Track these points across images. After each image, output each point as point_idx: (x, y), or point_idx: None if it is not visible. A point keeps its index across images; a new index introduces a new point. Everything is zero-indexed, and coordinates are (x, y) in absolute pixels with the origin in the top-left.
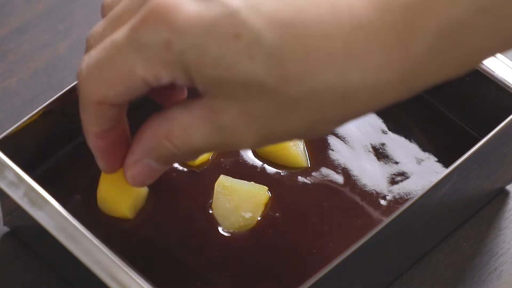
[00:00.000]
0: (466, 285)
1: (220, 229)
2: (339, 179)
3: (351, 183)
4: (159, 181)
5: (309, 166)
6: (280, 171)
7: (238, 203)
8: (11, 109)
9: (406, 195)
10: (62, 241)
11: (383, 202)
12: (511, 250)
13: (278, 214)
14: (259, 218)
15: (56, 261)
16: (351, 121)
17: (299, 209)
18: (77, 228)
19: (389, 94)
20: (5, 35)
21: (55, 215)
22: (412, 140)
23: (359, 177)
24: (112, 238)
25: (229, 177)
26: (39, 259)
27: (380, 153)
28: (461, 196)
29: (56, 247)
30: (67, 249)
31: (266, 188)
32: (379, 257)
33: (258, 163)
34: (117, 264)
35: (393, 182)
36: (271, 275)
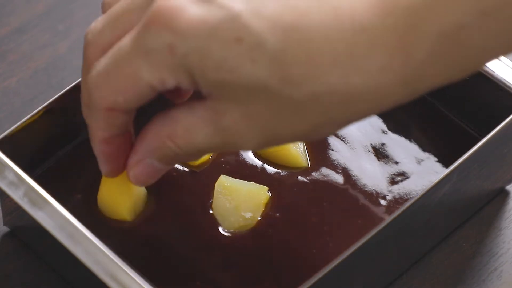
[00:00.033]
0: (466, 285)
1: (220, 229)
2: (339, 179)
3: (351, 183)
4: (159, 180)
5: (309, 166)
6: (280, 171)
7: (238, 203)
8: (11, 109)
9: (406, 195)
10: (62, 241)
11: (383, 202)
12: (511, 250)
13: (278, 214)
14: (259, 218)
15: (56, 261)
16: (354, 123)
17: (299, 209)
18: (77, 228)
19: (391, 96)
20: (5, 35)
21: (55, 215)
22: (412, 140)
23: (359, 177)
24: (112, 238)
25: (230, 177)
26: (39, 259)
27: (380, 153)
28: (461, 196)
29: (56, 247)
30: (67, 249)
31: (266, 188)
32: (379, 257)
33: (258, 163)
34: (117, 264)
35: (393, 182)
36: (271, 275)
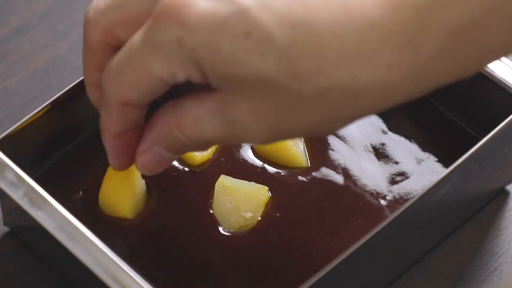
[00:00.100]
0: (466, 285)
1: (220, 229)
2: (339, 179)
3: (351, 183)
4: (159, 180)
5: (309, 166)
6: (281, 171)
7: (238, 203)
8: (11, 109)
9: (406, 195)
10: (62, 241)
11: (383, 202)
12: (511, 250)
13: (279, 214)
14: (259, 218)
15: (56, 261)
16: (361, 118)
17: (299, 209)
18: (77, 228)
19: (400, 92)
20: (5, 35)
21: (55, 215)
22: (412, 140)
23: (359, 177)
24: (112, 238)
25: (230, 177)
26: (39, 259)
27: (380, 153)
28: (461, 196)
29: (56, 247)
30: (67, 249)
31: (267, 188)
32: (379, 257)
33: (259, 163)
34: (117, 264)
35: (393, 182)
36: (271, 275)
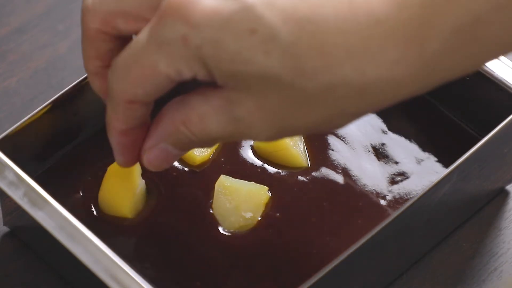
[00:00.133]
0: (466, 285)
1: (220, 229)
2: (339, 179)
3: (351, 183)
4: (159, 180)
5: (309, 166)
6: (280, 171)
7: (238, 203)
8: (11, 109)
9: (406, 195)
10: (62, 241)
11: (383, 202)
12: (511, 250)
13: (278, 214)
14: (259, 218)
15: (56, 261)
16: (366, 114)
17: (299, 209)
18: (77, 228)
19: (405, 88)
20: (5, 35)
21: (55, 215)
22: (412, 140)
23: (359, 177)
24: (112, 238)
25: (230, 177)
26: (39, 259)
27: (380, 153)
28: (461, 196)
29: (56, 247)
30: (67, 249)
31: (267, 188)
32: (379, 257)
33: (258, 163)
34: (117, 264)
35: (393, 182)
36: (271, 275)
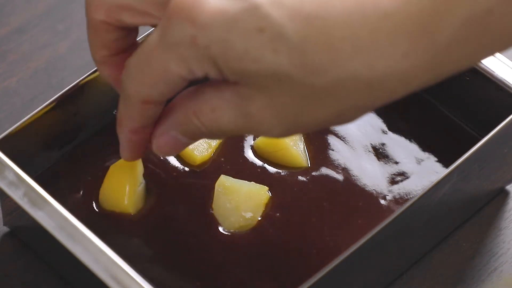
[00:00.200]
0: (466, 285)
1: (220, 229)
2: (339, 179)
3: (351, 183)
4: (159, 180)
5: (309, 166)
6: (281, 171)
7: (238, 203)
8: (11, 109)
9: (406, 195)
10: (62, 241)
11: (383, 202)
12: (511, 250)
13: (279, 214)
14: (259, 218)
15: (56, 261)
16: (376, 107)
17: (299, 209)
18: (77, 228)
19: (415, 80)
20: (5, 35)
21: (55, 215)
22: (412, 140)
23: (359, 177)
24: (112, 238)
25: (230, 177)
26: (39, 259)
27: (380, 153)
28: (461, 196)
29: (56, 247)
30: (67, 249)
31: (267, 188)
32: (379, 257)
33: (259, 163)
34: (117, 264)
35: (393, 182)
36: (271, 275)
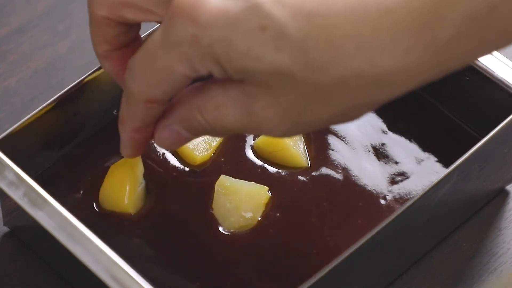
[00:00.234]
0: (466, 285)
1: (220, 229)
2: (339, 179)
3: (351, 183)
4: (159, 180)
5: (309, 166)
6: (281, 171)
7: (238, 203)
8: (11, 109)
9: (406, 195)
10: (62, 241)
11: (383, 202)
12: (511, 250)
13: (279, 214)
14: (259, 218)
15: (56, 261)
16: (380, 104)
17: (299, 209)
18: (77, 228)
19: (417, 76)
20: (5, 35)
21: (55, 215)
22: (412, 140)
23: (359, 177)
24: (112, 238)
25: (230, 177)
26: (39, 259)
27: (380, 153)
28: (461, 196)
29: (56, 247)
30: (67, 249)
31: (267, 188)
32: (379, 257)
33: (259, 163)
34: (117, 264)
35: (393, 182)
36: (271, 275)
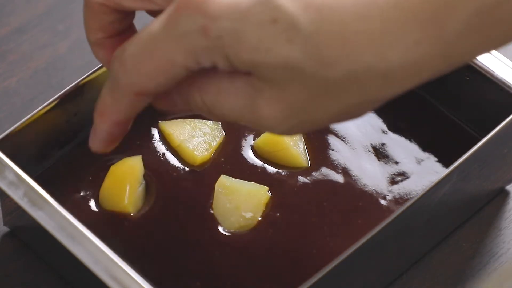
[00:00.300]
0: (466, 285)
1: (220, 229)
2: (339, 179)
3: (351, 183)
4: (159, 180)
5: (309, 166)
6: (281, 171)
7: (238, 203)
8: (11, 109)
9: (406, 195)
10: (62, 241)
11: (383, 202)
12: (511, 250)
13: (279, 214)
14: (259, 218)
15: (56, 261)
16: (388, 99)
17: (299, 209)
18: (77, 228)
19: (427, 70)
20: (5, 35)
21: (55, 215)
22: (412, 140)
23: (359, 177)
24: (112, 238)
25: (230, 177)
26: (39, 259)
27: (380, 153)
28: (461, 196)
29: (56, 247)
30: (67, 249)
31: (267, 188)
32: (379, 257)
33: (259, 163)
34: (117, 264)
35: (393, 182)
36: (271, 275)
